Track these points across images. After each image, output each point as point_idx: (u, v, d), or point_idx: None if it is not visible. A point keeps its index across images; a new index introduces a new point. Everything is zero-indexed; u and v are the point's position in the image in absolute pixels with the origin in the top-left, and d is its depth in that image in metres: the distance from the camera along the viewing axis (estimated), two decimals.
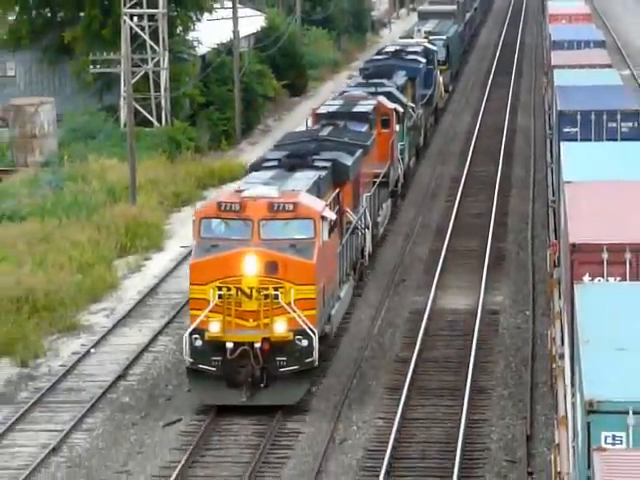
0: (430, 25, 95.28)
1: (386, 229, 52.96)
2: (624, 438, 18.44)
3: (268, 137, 74.91)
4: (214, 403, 29.64)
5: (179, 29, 72.20)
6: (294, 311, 28.45)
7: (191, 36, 73.49)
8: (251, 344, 28.57)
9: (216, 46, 75.99)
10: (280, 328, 28.53)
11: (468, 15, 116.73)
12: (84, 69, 67.23)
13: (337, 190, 36.55)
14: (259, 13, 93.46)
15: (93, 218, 54.19)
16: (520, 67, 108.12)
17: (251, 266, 28.09)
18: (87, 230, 52.63)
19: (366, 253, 42.78)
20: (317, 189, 33.31)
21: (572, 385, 27.42)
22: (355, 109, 49.15)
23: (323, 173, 35.51)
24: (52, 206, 56.18)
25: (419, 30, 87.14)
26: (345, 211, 38.33)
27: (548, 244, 42.32)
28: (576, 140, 40.52)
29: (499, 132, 76.58)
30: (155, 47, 67.87)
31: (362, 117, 48.00)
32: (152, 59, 68.04)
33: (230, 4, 74.04)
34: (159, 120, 68.46)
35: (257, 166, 37.54)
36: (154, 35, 67.76)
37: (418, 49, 69.65)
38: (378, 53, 72.75)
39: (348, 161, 37.93)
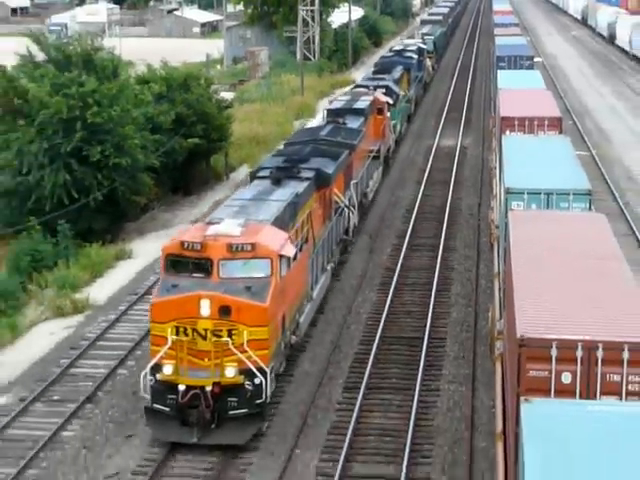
0: (426, 28, 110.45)
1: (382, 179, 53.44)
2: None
3: (365, 65, 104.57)
4: (168, 440, 25.44)
5: (323, 15, 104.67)
6: (246, 352, 24.63)
7: (328, 19, 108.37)
8: (202, 387, 24.86)
9: (340, 24, 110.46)
10: (230, 372, 24.76)
11: (450, 20, 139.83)
12: (281, 34, 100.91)
13: (320, 192, 34.30)
14: (360, 8, 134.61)
15: (284, 103, 76.09)
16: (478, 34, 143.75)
17: (205, 309, 24.67)
18: (281, 108, 73.59)
19: (350, 231, 40.84)
20: (292, 209, 29.94)
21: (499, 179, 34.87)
22: (355, 105, 49.85)
23: (305, 184, 32.45)
24: (265, 97, 77.85)
25: (419, 33, 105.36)
26: (333, 197, 36.76)
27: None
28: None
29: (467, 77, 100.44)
30: (312, 23, 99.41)
31: (359, 112, 48.24)
32: (311, 28, 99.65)
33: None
34: (314, 57, 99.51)
35: (254, 175, 34.96)
36: (312, 17, 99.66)
37: (414, 47, 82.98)
38: (389, 51, 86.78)
39: (330, 169, 35.22)
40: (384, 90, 56.03)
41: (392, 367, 30.47)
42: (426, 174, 56.53)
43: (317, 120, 59.54)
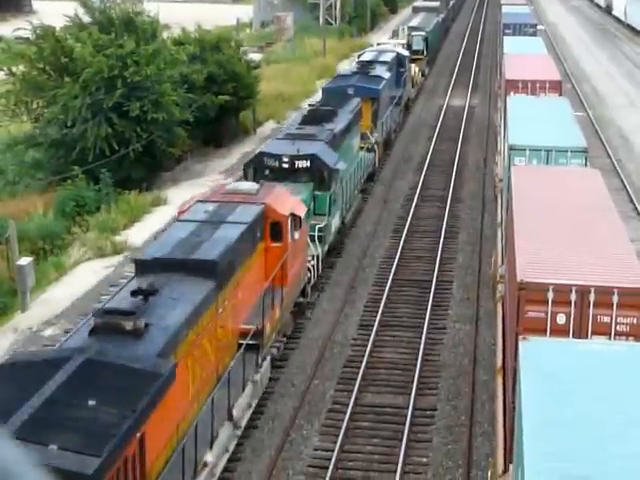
0: (417, 20, 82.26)
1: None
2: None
3: (383, 30, 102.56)
4: None
5: None
6: None
7: None
8: None
9: None
10: None
11: (450, 4, 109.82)
12: (306, 0, 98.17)
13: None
14: None
15: (307, 64, 75.04)
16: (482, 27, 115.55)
17: None
18: (304, 68, 72.54)
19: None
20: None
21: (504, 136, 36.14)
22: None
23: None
24: (290, 58, 77.50)
25: (403, 29, 73.17)
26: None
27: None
28: None
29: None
30: None
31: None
32: None
33: None
34: (335, 22, 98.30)
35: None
36: None
37: (389, 57, 53.36)
38: (357, 57, 57.68)
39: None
40: (307, 164, 30.75)
41: (403, 307, 30.62)
42: None
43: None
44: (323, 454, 22.23)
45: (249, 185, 26.67)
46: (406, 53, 58.83)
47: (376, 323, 28.91)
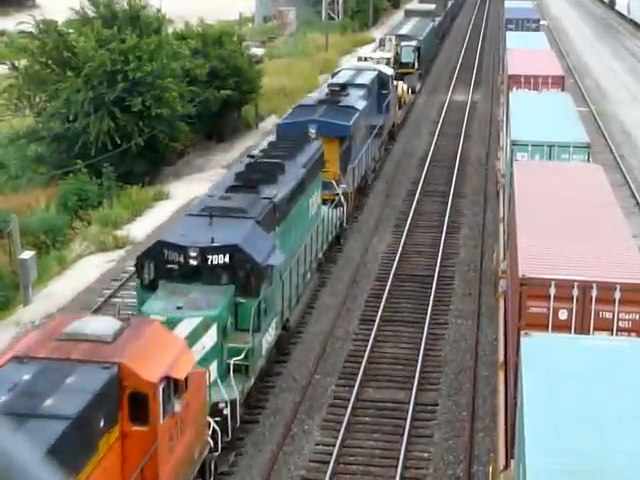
0: (408, 27, 73.08)
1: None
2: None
3: (384, 26, 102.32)
4: None
5: None
6: None
7: None
8: None
9: None
10: None
11: (448, 6, 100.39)
12: None
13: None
14: None
15: (309, 58, 75.57)
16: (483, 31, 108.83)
17: None
18: (307, 63, 72.77)
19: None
20: None
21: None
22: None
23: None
24: (292, 53, 77.89)
25: (390, 39, 62.98)
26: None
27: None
28: None
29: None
30: None
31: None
32: None
33: None
34: (337, 17, 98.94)
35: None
36: None
37: (367, 79, 43.48)
38: (332, 75, 49.18)
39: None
40: (226, 259, 22.10)
41: (404, 302, 30.58)
42: None
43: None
44: (324, 449, 22.23)
45: (103, 325, 16.68)
46: (390, 72, 48.45)
47: (378, 318, 28.84)
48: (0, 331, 28.53)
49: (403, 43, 63.71)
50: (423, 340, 27.47)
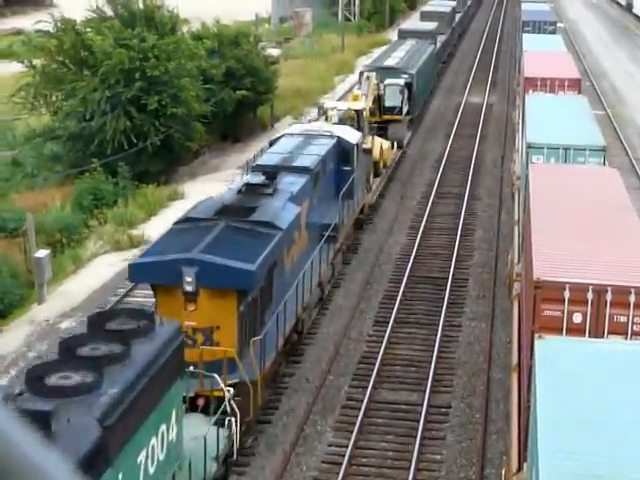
0: (397, 55, 55.52)
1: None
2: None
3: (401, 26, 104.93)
4: None
5: None
6: None
7: None
8: None
9: None
10: None
11: (455, 21, 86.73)
12: None
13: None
14: None
15: (326, 59, 75.15)
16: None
17: None
18: (323, 64, 72.13)
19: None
20: None
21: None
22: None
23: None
24: (309, 54, 77.36)
25: (368, 77, 44.86)
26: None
27: None
28: None
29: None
30: None
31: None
32: None
33: None
34: (354, 18, 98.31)
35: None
36: None
37: (314, 159, 29.14)
38: (261, 156, 34.07)
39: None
40: None
41: (418, 304, 30.57)
42: None
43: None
44: (337, 450, 22.22)
45: None
46: (355, 139, 33.44)
47: (391, 320, 28.81)
48: (14, 329, 28.60)
49: (388, 81, 47.91)
50: (437, 342, 27.48)
